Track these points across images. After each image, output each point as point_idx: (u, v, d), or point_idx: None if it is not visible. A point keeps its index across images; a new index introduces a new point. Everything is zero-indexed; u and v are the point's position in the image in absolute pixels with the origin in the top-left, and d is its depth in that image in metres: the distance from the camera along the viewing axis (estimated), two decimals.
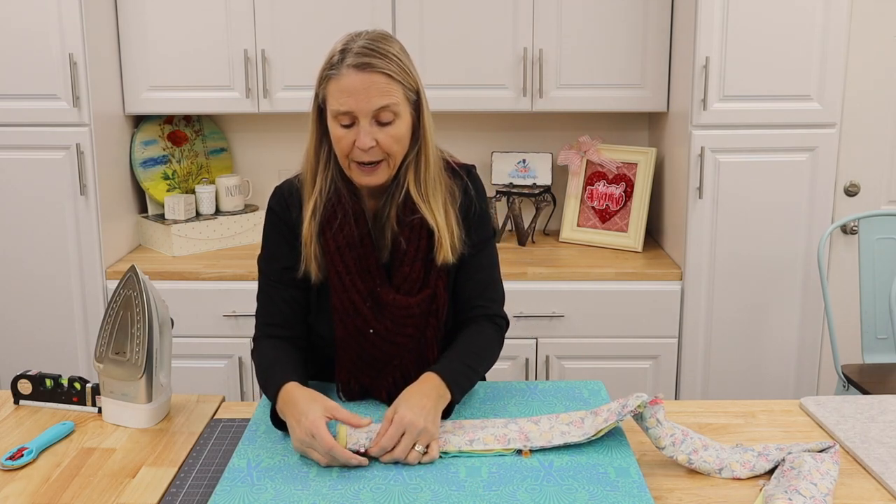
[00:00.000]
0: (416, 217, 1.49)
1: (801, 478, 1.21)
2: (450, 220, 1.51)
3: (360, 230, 1.49)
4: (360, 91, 1.39)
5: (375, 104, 1.40)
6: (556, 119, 3.08)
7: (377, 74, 1.40)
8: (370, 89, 1.39)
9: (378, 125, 1.42)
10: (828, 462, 1.26)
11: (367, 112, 1.40)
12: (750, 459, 1.31)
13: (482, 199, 1.60)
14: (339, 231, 1.49)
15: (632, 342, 2.67)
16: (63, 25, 2.51)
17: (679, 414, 1.51)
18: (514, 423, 1.40)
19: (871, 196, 2.96)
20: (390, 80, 1.41)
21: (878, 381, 2.40)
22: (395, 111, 1.42)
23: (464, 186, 1.56)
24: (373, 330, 1.49)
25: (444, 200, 1.52)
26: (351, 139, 1.42)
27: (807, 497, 1.17)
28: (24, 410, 1.54)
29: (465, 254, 1.54)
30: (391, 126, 1.43)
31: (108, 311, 1.46)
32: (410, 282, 1.49)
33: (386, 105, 1.40)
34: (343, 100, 1.40)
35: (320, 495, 1.20)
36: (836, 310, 2.72)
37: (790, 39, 2.51)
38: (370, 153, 1.43)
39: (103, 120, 2.66)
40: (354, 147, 1.42)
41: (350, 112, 1.41)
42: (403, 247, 1.49)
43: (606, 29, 2.75)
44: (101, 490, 1.26)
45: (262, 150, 3.12)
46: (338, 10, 2.73)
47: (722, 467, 1.29)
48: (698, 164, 2.57)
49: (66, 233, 2.63)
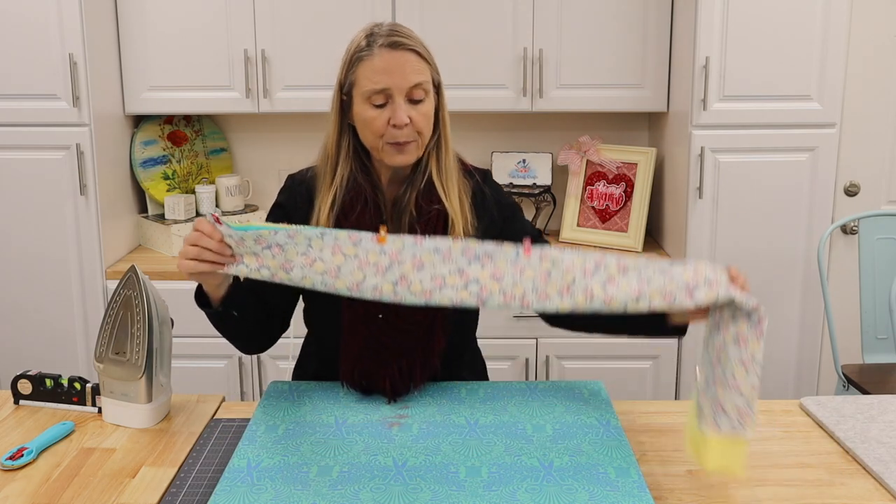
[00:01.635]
0: (434, 208, 1.50)
1: (727, 385, 1.22)
2: (464, 208, 1.53)
3: (379, 220, 1.51)
4: (394, 68, 1.43)
5: (411, 80, 1.44)
6: (556, 119, 3.08)
7: (409, 52, 1.45)
8: (405, 66, 1.43)
9: (410, 103, 1.45)
10: (752, 343, 1.22)
11: (403, 88, 1.43)
12: (673, 291, 1.25)
13: (505, 193, 1.64)
14: (359, 220, 1.49)
15: (632, 342, 2.67)
16: (63, 25, 2.51)
17: (679, 414, 1.52)
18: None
19: (871, 196, 2.96)
20: (420, 58, 1.46)
21: (878, 381, 2.40)
22: (426, 89, 1.47)
23: (474, 186, 1.58)
24: (381, 315, 1.49)
25: (460, 189, 1.54)
26: (385, 119, 1.44)
27: (732, 417, 1.22)
28: (24, 410, 1.54)
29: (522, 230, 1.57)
30: (422, 104, 1.46)
31: (108, 311, 1.46)
32: None
33: (420, 82, 1.45)
34: (378, 78, 1.43)
35: (320, 495, 1.20)
36: (836, 310, 2.72)
37: (790, 39, 2.51)
38: (405, 132, 1.45)
39: (103, 120, 2.66)
40: (388, 127, 1.44)
41: (386, 89, 1.43)
42: (419, 234, 1.50)
43: (606, 29, 2.75)
44: (101, 490, 1.26)
45: (262, 150, 3.12)
46: (338, 10, 2.73)
47: (640, 296, 1.24)
48: (698, 164, 2.57)
49: (66, 233, 2.63)
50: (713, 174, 2.58)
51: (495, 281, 1.27)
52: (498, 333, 2.64)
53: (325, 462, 1.29)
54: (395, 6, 2.74)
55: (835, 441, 1.40)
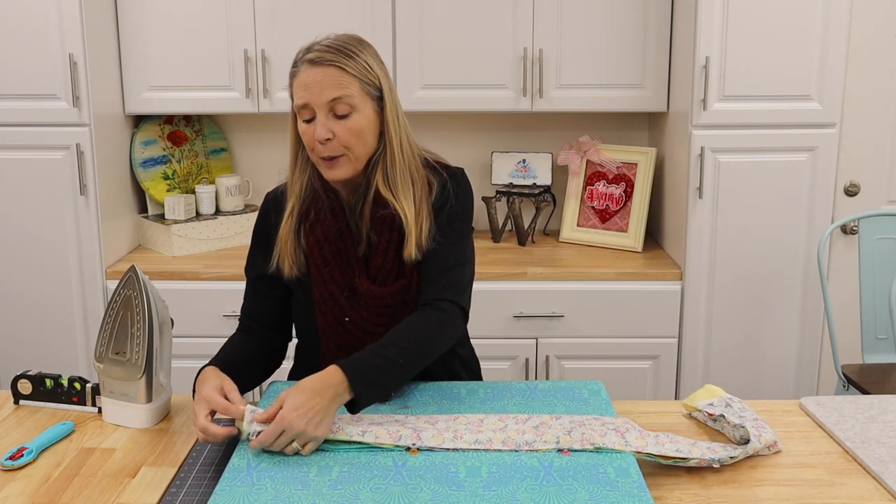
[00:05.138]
0: (387, 212, 1.53)
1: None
2: (420, 217, 1.53)
3: (338, 225, 1.55)
4: (312, 84, 1.46)
5: (328, 96, 1.45)
6: (556, 119, 3.08)
7: (330, 68, 1.46)
8: (322, 82, 1.46)
9: (335, 118, 1.47)
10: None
11: (321, 104, 1.46)
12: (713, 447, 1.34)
13: (463, 198, 1.59)
14: (317, 226, 1.55)
15: (632, 342, 2.67)
16: (63, 25, 2.51)
17: (678, 414, 1.51)
18: (414, 420, 1.41)
19: (871, 196, 2.96)
20: (343, 73, 1.46)
21: (878, 381, 2.40)
22: (351, 103, 1.47)
23: (442, 183, 1.58)
24: (348, 318, 1.56)
25: (419, 197, 1.54)
26: (312, 133, 1.48)
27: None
28: (24, 410, 1.54)
29: (433, 248, 1.55)
30: (348, 119, 1.47)
31: (108, 311, 1.46)
32: (384, 272, 1.54)
33: (339, 97, 1.46)
34: (300, 93, 1.47)
35: (320, 495, 1.20)
36: (836, 310, 2.72)
37: (790, 39, 2.51)
38: (329, 147, 1.47)
39: (103, 120, 2.66)
40: (315, 141, 1.48)
41: (307, 105, 1.47)
42: (375, 239, 1.54)
43: (606, 29, 2.75)
44: (101, 490, 1.26)
45: (262, 150, 3.13)
46: (338, 10, 2.73)
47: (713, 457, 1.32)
48: (698, 164, 2.57)
49: (66, 233, 2.63)
50: (713, 174, 2.58)
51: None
52: (498, 333, 2.64)
53: (325, 462, 1.29)
54: (395, 6, 2.74)
55: (835, 441, 1.40)
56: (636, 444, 1.31)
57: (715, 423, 1.44)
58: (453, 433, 1.35)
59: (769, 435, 1.35)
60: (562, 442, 1.32)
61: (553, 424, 1.38)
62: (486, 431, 1.36)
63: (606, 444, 1.31)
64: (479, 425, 1.38)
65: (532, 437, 1.34)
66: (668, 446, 1.31)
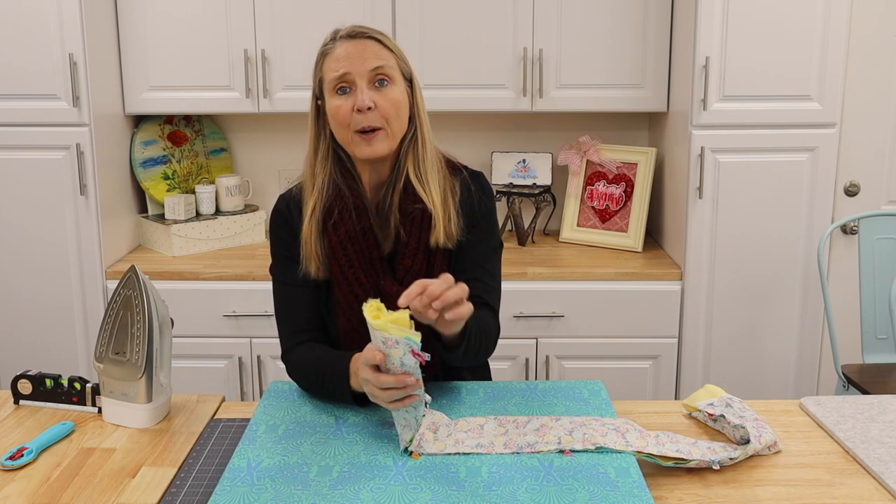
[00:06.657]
0: (417, 207, 1.50)
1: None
2: (447, 205, 1.53)
3: (362, 224, 1.51)
4: (354, 54, 1.45)
5: (370, 64, 1.45)
6: (556, 119, 3.08)
7: (369, 40, 1.47)
8: (364, 51, 1.46)
9: (375, 88, 1.46)
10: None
11: (363, 72, 1.45)
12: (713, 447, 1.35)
13: (490, 199, 1.61)
14: (341, 225, 1.51)
15: (632, 342, 2.67)
16: (63, 25, 2.51)
17: (678, 414, 1.52)
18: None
19: (871, 196, 2.96)
20: (383, 46, 1.48)
21: (878, 381, 2.40)
22: (390, 74, 1.47)
23: (462, 181, 1.57)
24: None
25: (443, 187, 1.54)
26: (349, 106, 1.45)
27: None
28: (24, 410, 1.54)
29: (470, 258, 1.55)
30: (388, 89, 1.47)
31: (108, 311, 1.46)
32: (413, 274, 1.50)
33: (381, 65, 1.46)
34: (339, 65, 1.46)
35: (320, 495, 1.20)
36: (836, 310, 2.72)
37: (790, 39, 2.51)
38: (369, 117, 1.45)
39: (103, 120, 2.66)
40: (353, 114, 1.45)
41: (346, 74, 1.45)
42: (404, 238, 1.51)
43: (606, 29, 2.75)
44: (101, 490, 1.26)
45: (262, 150, 3.13)
46: (338, 10, 2.73)
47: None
48: (698, 164, 2.57)
49: (66, 233, 2.63)
50: (713, 174, 2.58)
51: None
52: None
53: (325, 462, 1.29)
54: (395, 6, 2.74)
55: (835, 441, 1.40)
56: (637, 444, 1.31)
57: (715, 423, 1.44)
58: (455, 441, 1.35)
59: (769, 435, 1.35)
60: (563, 442, 1.32)
61: (553, 426, 1.38)
62: (488, 436, 1.36)
63: (608, 443, 1.31)
64: (479, 432, 1.38)
65: (534, 439, 1.34)
66: (669, 446, 1.31)
